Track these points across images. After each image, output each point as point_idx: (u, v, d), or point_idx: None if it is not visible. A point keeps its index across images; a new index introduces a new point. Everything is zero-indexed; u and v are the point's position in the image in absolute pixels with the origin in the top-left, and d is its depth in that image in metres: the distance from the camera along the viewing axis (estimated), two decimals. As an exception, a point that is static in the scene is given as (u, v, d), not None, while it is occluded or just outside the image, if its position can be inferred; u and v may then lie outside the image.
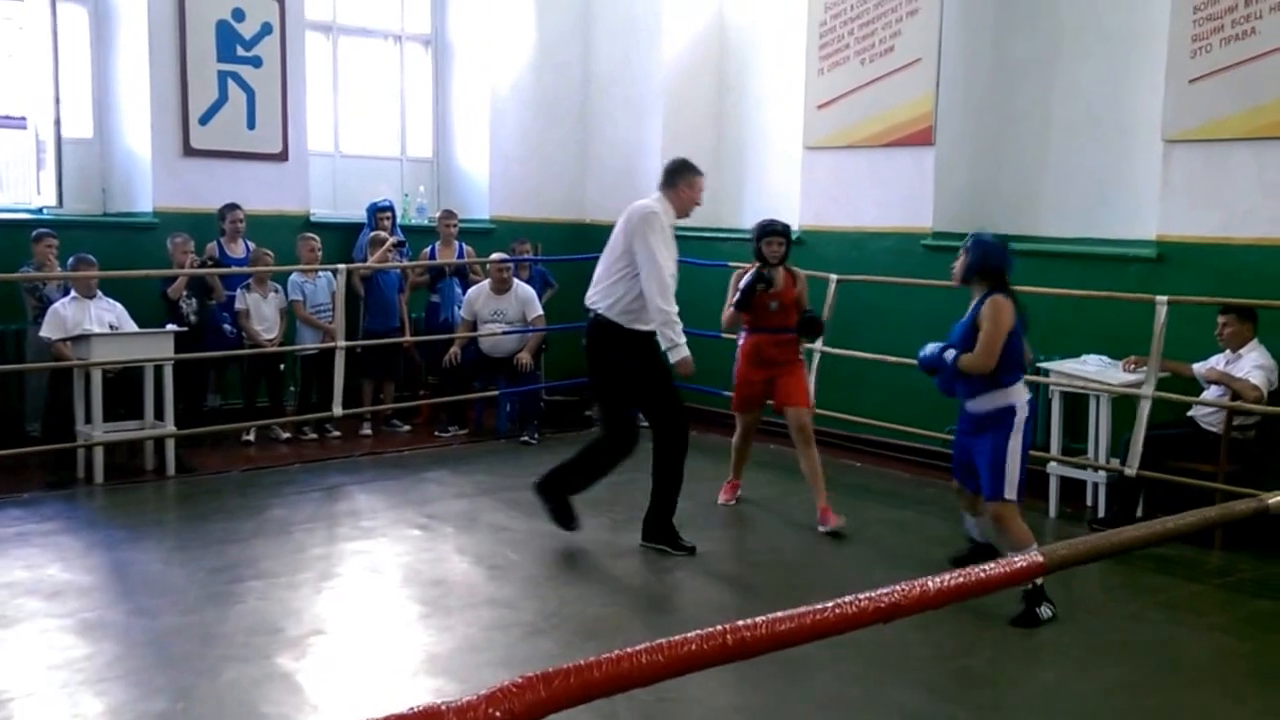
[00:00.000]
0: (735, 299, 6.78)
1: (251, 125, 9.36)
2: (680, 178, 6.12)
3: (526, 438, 9.06)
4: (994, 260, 5.23)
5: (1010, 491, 5.13)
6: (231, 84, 9.24)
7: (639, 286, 5.85)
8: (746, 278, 6.77)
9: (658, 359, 6.11)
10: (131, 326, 7.97)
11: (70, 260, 7.86)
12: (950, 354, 5.19)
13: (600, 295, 5.98)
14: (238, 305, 8.66)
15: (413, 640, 4.97)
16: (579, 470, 6.24)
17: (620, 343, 5.97)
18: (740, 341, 7.02)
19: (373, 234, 9.36)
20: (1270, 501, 2.49)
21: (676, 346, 5.87)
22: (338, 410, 8.44)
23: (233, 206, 8.86)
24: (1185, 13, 6.98)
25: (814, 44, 9.13)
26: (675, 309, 5.83)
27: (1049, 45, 8.34)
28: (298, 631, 4.99)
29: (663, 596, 5.54)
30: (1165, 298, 6.61)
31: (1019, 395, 5.19)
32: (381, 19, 10.78)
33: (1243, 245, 6.81)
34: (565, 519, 6.22)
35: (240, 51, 9.27)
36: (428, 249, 9.81)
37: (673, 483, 6.11)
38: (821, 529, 6.53)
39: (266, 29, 9.37)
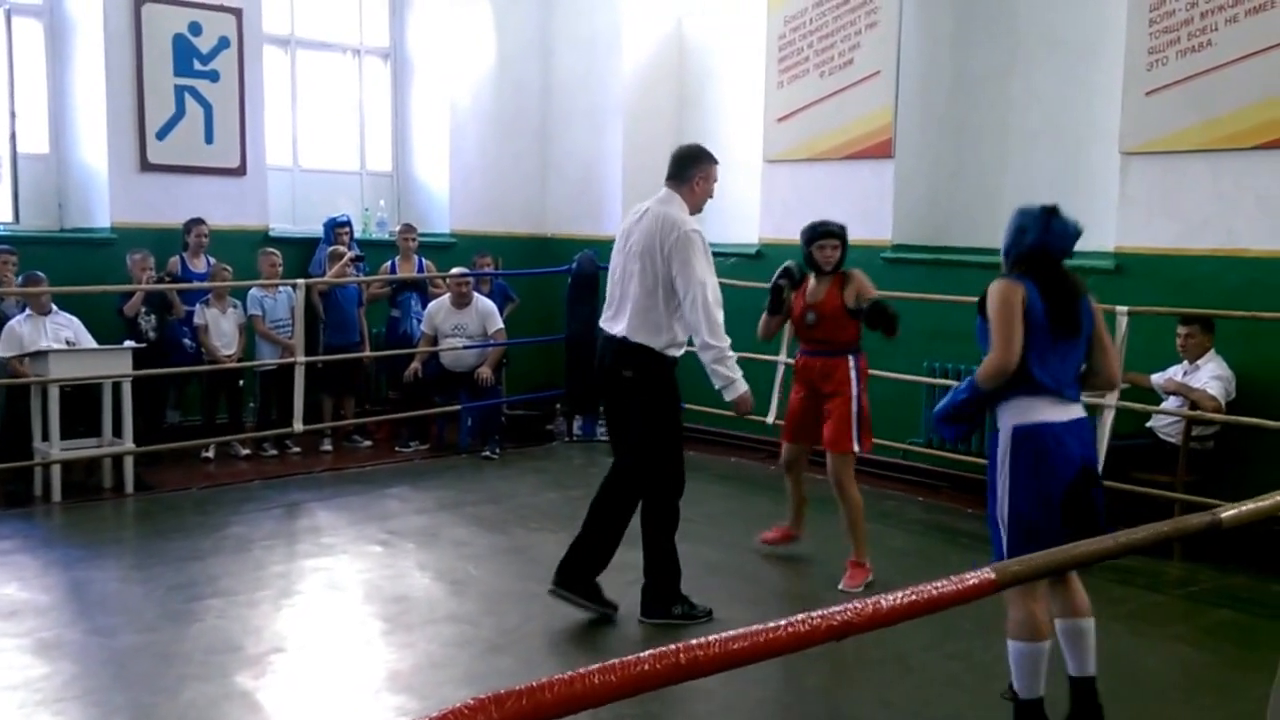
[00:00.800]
0: (767, 302, 6.07)
1: (209, 140, 9.29)
2: (695, 169, 5.19)
3: (488, 452, 9.03)
4: (1029, 237, 3.92)
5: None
6: (189, 98, 9.17)
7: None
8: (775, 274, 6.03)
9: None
10: (90, 342, 7.89)
11: (20, 278, 7.79)
12: (963, 383, 4.02)
13: (647, 331, 5.13)
14: (196, 321, 8.58)
15: (373, 657, 4.92)
16: (655, 556, 5.35)
17: (670, 375, 5.23)
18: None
19: (330, 249, 9.31)
20: (1223, 515, 2.49)
21: (733, 383, 5.13)
22: (298, 426, 8.36)
23: (198, 221, 8.79)
24: (1142, 25, 7.06)
25: (773, 57, 9.18)
26: (728, 341, 5.08)
27: (1006, 58, 8.42)
28: (257, 649, 4.94)
29: (624, 613, 5.51)
30: (1125, 308, 6.67)
31: (1016, 414, 3.87)
32: (340, 33, 10.74)
33: (1199, 256, 6.89)
34: (689, 607, 5.38)
35: (197, 66, 9.20)
36: (387, 263, 9.77)
37: (669, 545, 5.36)
38: (841, 586, 5.82)
39: (224, 43, 9.31)
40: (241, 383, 8.89)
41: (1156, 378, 6.77)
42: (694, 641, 1.59)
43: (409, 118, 11.07)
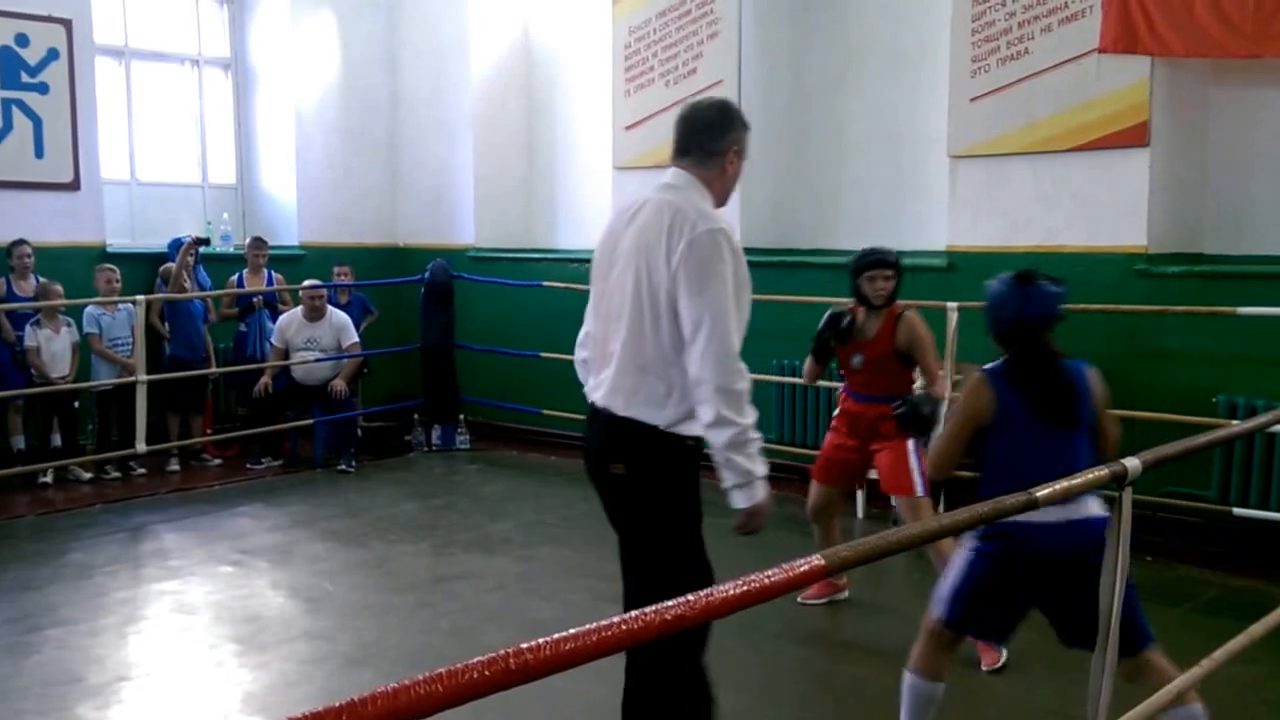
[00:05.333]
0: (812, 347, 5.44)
1: (40, 154, 8.97)
2: (727, 137, 3.44)
3: (343, 466, 8.92)
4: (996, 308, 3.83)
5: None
6: (16, 112, 8.84)
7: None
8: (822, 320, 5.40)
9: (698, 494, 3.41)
10: None
11: None
12: None
13: (645, 398, 3.28)
14: (28, 343, 8.24)
15: (225, 680, 4.84)
16: None
17: (665, 460, 3.31)
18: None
19: (162, 268, 9.11)
20: (1039, 495, 2.66)
21: (752, 483, 3.19)
22: (141, 447, 8.09)
23: (19, 242, 8.43)
24: (964, 35, 7.36)
25: (619, 66, 9.28)
26: (752, 416, 3.18)
27: (840, 67, 8.69)
28: (100, 679, 4.80)
29: (485, 620, 5.53)
30: (955, 304, 6.95)
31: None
32: (177, 43, 10.47)
33: (1023, 253, 7.20)
34: None
35: (25, 78, 8.88)
36: (235, 277, 9.56)
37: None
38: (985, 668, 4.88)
39: (53, 54, 9.00)
40: (77, 405, 8.57)
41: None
42: (524, 645, 1.60)
43: (253, 129, 10.86)
